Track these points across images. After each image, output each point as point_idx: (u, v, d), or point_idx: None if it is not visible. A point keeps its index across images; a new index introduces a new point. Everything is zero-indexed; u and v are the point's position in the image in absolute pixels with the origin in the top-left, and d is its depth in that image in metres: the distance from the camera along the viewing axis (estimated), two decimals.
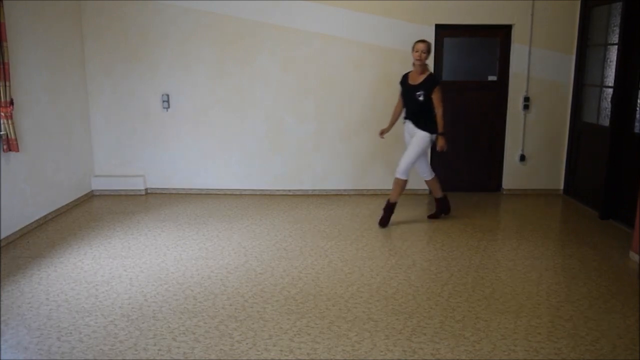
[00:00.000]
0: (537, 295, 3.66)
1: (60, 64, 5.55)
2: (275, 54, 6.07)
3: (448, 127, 6.23)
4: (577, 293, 3.70)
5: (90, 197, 6.20)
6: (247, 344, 3.03)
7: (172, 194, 6.36)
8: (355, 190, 6.32)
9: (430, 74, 4.93)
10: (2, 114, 4.49)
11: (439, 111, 4.87)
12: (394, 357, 2.90)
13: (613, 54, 5.33)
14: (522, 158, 6.30)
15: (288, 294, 3.67)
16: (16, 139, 4.61)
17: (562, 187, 6.38)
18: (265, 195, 6.33)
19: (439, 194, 5.31)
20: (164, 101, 6.17)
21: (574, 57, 6.08)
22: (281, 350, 2.95)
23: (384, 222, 5.11)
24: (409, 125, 5.04)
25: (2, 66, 4.41)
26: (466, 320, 3.30)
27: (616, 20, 5.29)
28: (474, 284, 3.84)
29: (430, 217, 5.39)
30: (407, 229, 5.08)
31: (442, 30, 6.05)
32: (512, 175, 6.37)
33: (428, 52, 4.84)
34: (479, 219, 5.40)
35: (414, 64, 4.93)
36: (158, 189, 6.40)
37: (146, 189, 6.37)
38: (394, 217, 5.20)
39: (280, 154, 6.28)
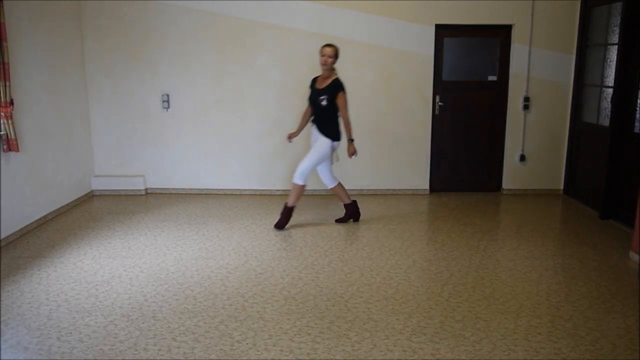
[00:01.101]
0: (537, 295, 3.66)
1: (60, 64, 5.55)
2: (275, 54, 6.07)
3: (448, 126, 6.31)
4: (577, 293, 3.70)
5: (90, 197, 6.20)
6: (247, 344, 3.03)
7: (172, 194, 6.36)
8: (356, 190, 6.31)
9: (336, 79, 4.79)
10: (2, 114, 4.49)
11: (344, 116, 4.77)
12: (394, 357, 2.90)
13: (613, 54, 5.33)
14: (522, 158, 6.30)
15: (288, 294, 3.67)
16: (16, 139, 4.61)
17: (562, 187, 6.38)
18: (265, 195, 6.33)
19: (346, 200, 5.17)
20: (164, 101, 6.17)
21: (574, 57, 6.08)
22: (281, 350, 2.95)
23: (281, 225, 5.01)
24: (314, 129, 4.96)
25: (2, 66, 4.41)
26: (466, 320, 3.30)
27: (616, 20, 5.29)
28: (474, 284, 3.84)
29: (338, 221, 5.24)
30: (407, 229, 5.07)
31: (442, 30, 6.05)
32: (512, 175, 6.37)
33: (335, 56, 4.75)
34: (479, 219, 5.40)
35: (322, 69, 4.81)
36: (158, 189, 6.40)
37: (146, 189, 6.37)
38: (394, 217, 5.19)
39: (280, 154, 6.28)
